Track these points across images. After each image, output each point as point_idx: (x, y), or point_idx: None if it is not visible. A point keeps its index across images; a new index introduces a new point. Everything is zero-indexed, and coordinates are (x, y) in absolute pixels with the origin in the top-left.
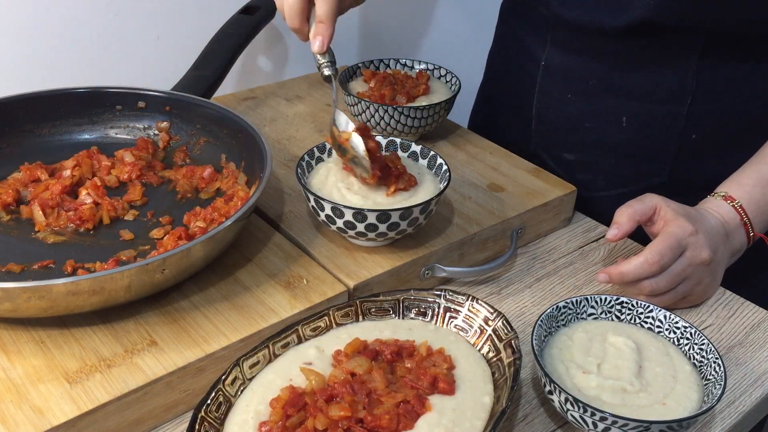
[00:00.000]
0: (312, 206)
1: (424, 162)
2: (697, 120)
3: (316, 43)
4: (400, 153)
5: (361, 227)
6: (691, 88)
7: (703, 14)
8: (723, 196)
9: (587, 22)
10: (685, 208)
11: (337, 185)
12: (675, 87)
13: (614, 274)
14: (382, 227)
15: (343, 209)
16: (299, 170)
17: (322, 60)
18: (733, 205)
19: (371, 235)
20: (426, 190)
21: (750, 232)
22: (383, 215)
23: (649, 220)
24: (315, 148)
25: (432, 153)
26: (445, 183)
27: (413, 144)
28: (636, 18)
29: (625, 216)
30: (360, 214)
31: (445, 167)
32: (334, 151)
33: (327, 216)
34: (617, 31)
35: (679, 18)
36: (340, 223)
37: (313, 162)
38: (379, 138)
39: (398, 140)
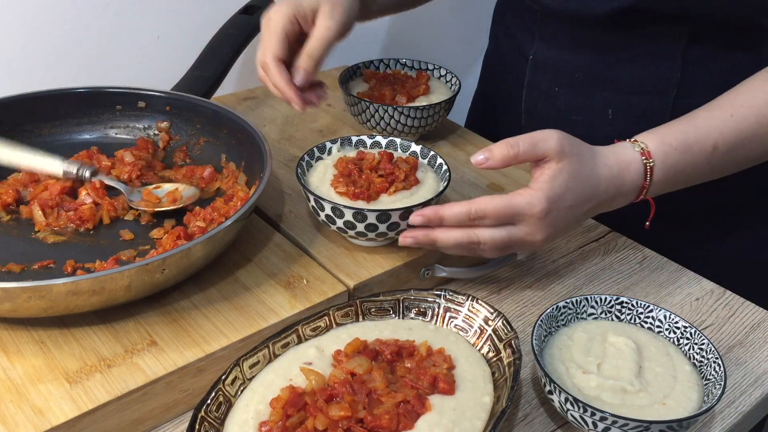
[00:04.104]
0: (312, 206)
1: (424, 161)
2: (683, 112)
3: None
4: (399, 153)
5: (361, 227)
6: (677, 80)
7: (682, 1)
8: (642, 149)
9: (572, 11)
10: (569, 176)
11: (329, 178)
12: (661, 79)
13: (430, 213)
14: (382, 227)
15: (343, 209)
16: (299, 170)
17: None
18: (645, 163)
19: (371, 235)
20: (426, 190)
21: (641, 195)
22: (383, 215)
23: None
24: (315, 148)
25: (432, 153)
26: (445, 183)
27: (413, 144)
28: (619, 4)
29: (502, 155)
30: (360, 214)
31: (445, 167)
32: (333, 151)
33: (327, 216)
34: (601, 18)
35: (662, 4)
36: (340, 223)
37: (313, 161)
38: (378, 138)
39: (398, 140)
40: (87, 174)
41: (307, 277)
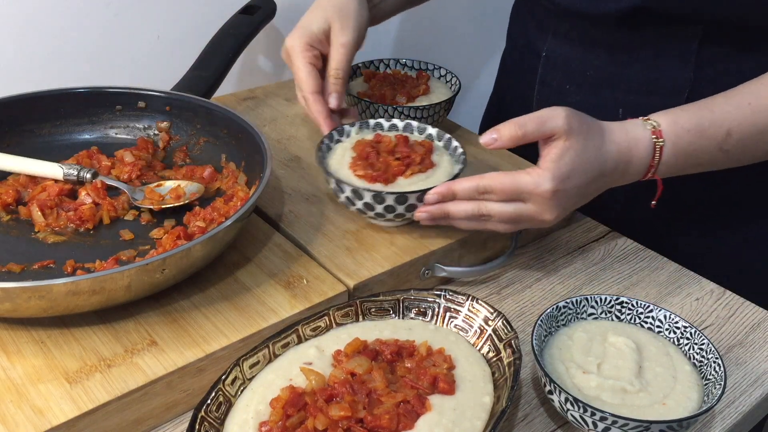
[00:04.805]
0: (332, 188)
1: (439, 144)
2: None
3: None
4: (416, 135)
5: (380, 209)
6: (689, 82)
7: (695, 2)
8: (653, 127)
9: (584, 10)
10: (576, 154)
11: (348, 161)
12: (673, 80)
13: (443, 189)
14: (400, 209)
15: (363, 192)
16: (320, 153)
17: None
18: (655, 142)
19: (389, 216)
20: (442, 173)
21: (649, 173)
22: (401, 197)
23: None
24: (334, 131)
25: (447, 136)
26: (461, 166)
27: (429, 127)
28: (630, 4)
29: (510, 135)
30: (379, 196)
31: (460, 150)
32: (352, 133)
33: (347, 198)
34: (613, 17)
35: (673, 5)
36: (359, 204)
37: (332, 144)
38: (395, 121)
39: (414, 123)
40: (88, 176)
41: (307, 277)
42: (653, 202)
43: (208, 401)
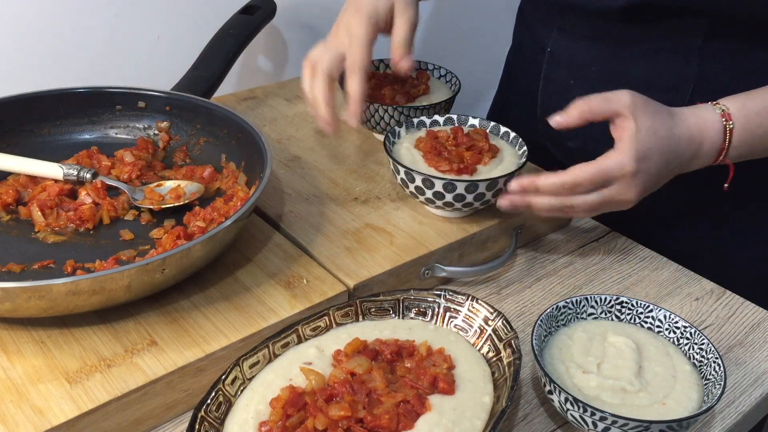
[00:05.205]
0: (401, 178)
1: (496, 136)
2: None
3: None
4: (466, 130)
5: (470, 198)
6: (693, 78)
7: None
8: (722, 110)
9: (589, 4)
10: (650, 133)
11: (420, 158)
12: (677, 76)
13: (527, 183)
14: (489, 195)
15: (457, 183)
16: (386, 146)
17: None
18: (724, 125)
19: (477, 204)
20: (509, 155)
21: (720, 157)
22: (492, 183)
23: (611, 120)
24: (389, 134)
25: (492, 123)
26: (521, 148)
27: (471, 117)
28: None
29: (578, 112)
30: (473, 185)
31: (513, 134)
32: (402, 134)
33: (435, 193)
34: (616, 12)
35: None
36: (449, 197)
37: (392, 146)
38: (436, 117)
39: (455, 116)
40: (88, 176)
41: (307, 277)
42: (726, 185)
43: (208, 401)
